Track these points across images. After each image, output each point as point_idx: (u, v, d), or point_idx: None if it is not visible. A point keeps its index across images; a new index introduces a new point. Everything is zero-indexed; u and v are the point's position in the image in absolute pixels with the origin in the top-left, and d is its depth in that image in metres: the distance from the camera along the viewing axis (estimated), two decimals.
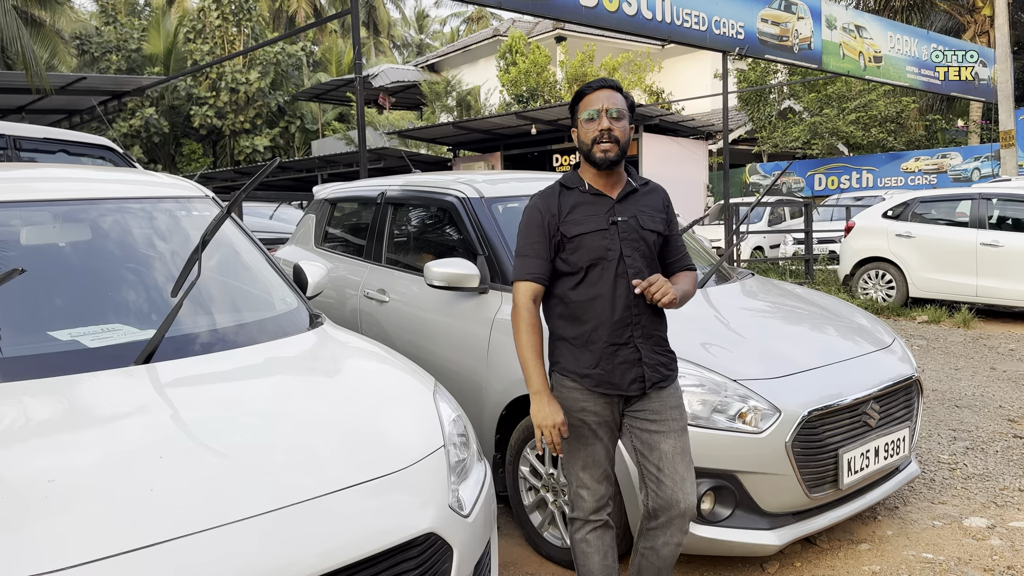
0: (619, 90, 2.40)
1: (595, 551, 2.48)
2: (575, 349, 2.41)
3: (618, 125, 2.35)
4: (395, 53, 48.29)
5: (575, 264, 2.38)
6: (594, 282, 2.37)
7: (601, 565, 2.49)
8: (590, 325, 2.38)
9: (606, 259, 2.36)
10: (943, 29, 21.88)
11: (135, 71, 27.57)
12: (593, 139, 2.36)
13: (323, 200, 5.47)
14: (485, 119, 15.54)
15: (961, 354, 7.35)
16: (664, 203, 2.53)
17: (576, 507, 2.48)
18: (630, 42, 20.93)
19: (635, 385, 2.39)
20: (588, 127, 2.37)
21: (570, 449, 2.44)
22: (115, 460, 1.83)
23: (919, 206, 9.74)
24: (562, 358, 2.44)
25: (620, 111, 2.36)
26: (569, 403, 2.40)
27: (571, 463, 2.45)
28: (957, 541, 3.46)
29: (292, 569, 1.71)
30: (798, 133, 20.66)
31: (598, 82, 2.39)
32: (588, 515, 2.46)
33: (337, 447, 2.07)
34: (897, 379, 3.38)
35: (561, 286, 2.43)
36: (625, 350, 2.38)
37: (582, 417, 2.40)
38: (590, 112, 2.36)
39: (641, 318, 2.39)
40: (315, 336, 2.76)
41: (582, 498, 2.45)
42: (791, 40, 12.25)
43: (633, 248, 2.38)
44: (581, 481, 2.44)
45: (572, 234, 2.37)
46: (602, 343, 2.37)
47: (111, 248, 2.81)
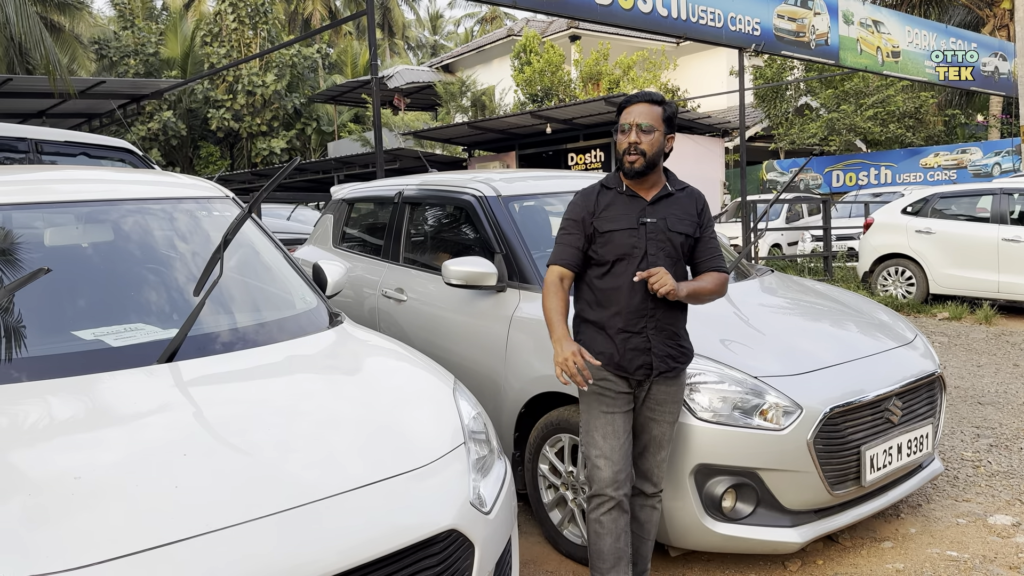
0: (660, 103, 2.61)
1: (608, 533, 2.61)
2: (594, 331, 2.65)
3: (646, 138, 2.56)
4: (410, 54, 48.41)
5: (603, 257, 2.62)
6: (618, 274, 2.59)
7: (613, 547, 2.62)
8: (609, 312, 2.61)
9: (631, 255, 2.58)
10: (962, 23, 21.64)
11: (153, 75, 27.81)
12: (624, 150, 2.59)
13: (341, 200, 5.49)
14: (500, 119, 15.54)
15: (983, 351, 7.27)
16: (698, 208, 2.72)
17: (594, 481, 2.61)
18: (645, 40, 20.87)
19: (640, 371, 2.61)
20: (621, 138, 2.61)
21: (591, 416, 2.63)
22: (139, 458, 1.85)
23: (939, 202, 9.64)
24: (584, 336, 2.68)
25: (651, 125, 2.56)
26: (591, 371, 2.58)
27: (591, 430, 2.63)
28: (982, 539, 3.43)
29: (315, 566, 1.72)
30: (815, 129, 20.51)
31: (640, 95, 2.62)
32: (605, 487, 2.58)
33: (358, 445, 2.07)
34: (920, 375, 3.35)
35: (590, 274, 2.67)
36: (637, 338, 2.60)
37: (603, 385, 2.61)
38: (624, 124, 2.60)
39: (656, 311, 2.60)
40: (335, 335, 2.77)
41: (599, 468, 2.59)
42: (808, 36, 12.16)
43: (658, 247, 2.59)
44: (600, 449, 2.59)
45: (604, 230, 2.61)
46: (616, 329, 2.60)
47: (133, 248, 2.84)
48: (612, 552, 2.61)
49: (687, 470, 2.87)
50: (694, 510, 2.89)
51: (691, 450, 2.86)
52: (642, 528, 2.78)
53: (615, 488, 2.58)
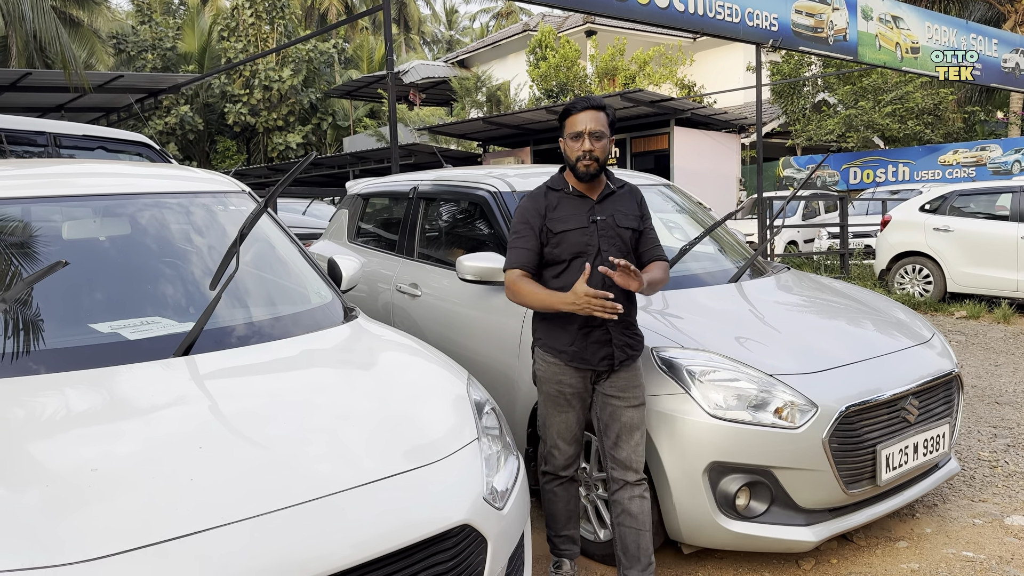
0: (602, 109, 2.74)
1: (560, 499, 2.94)
2: (554, 328, 2.77)
3: (598, 145, 2.71)
4: (425, 49, 48.44)
5: (559, 256, 2.75)
6: (574, 272, 2.70)
7: (565, 510, 2.95)
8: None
9: (586, 252, 2.73)
10: (982, 19, 21.39)
11: (170, 69, 27.97)
12: (577, 157, 2.72)
13: (356, 195, 5.51)
14: (515, 114, 15.51)
15: (1001, 350, 7.20)
16: (638, 202, 2.90)
17: (549, 462, 2.89)
18: (662, 35, 20.77)
19: (604, 362, 2.75)
20: (573, 145, 2.73)
21: (547, 414, 2.84)
22: (156, 450, 1.86)
23: (957, 199, 9.55)
24: (543, 335, 2.81)
25: (601, 132, 2.71)
26: (548, 375, 2.80)
27: (547, 427, 2.86)
28: (998, 540, 3.40)
29: (329, 559, 1.72)
30: (833, 126, 20.33)
31: (582, 103, 2.74)
32: (558, 471, 2.88)
33: (372, 439, 2.08)
34: (937, 374, 3.32)
35: (546, 275, 2.79)
36: (597, 331, 2.73)
37: (559, 388, 2.78)
38: (575, 132, 2.71)
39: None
40: (350, 329, 2.78)
41: (554, 456, 2.87)
42: (826, 32, 12.06)
43: (610, 243, 2.74)
44: (555, 443, 2.85)
45: (557, 230, 2.74)
46: (577, 324, 2.72)
47: (150, 242, 2.86)
48: (564, 513, 2.95)
49: (701, 468, 2.86)
50: (707, 508, 2.88)
51: (705, 448, 2.85)
52: (636, 520, 2.79)
53: (566, 470, 2.88)
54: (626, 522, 2.79)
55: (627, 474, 2.78)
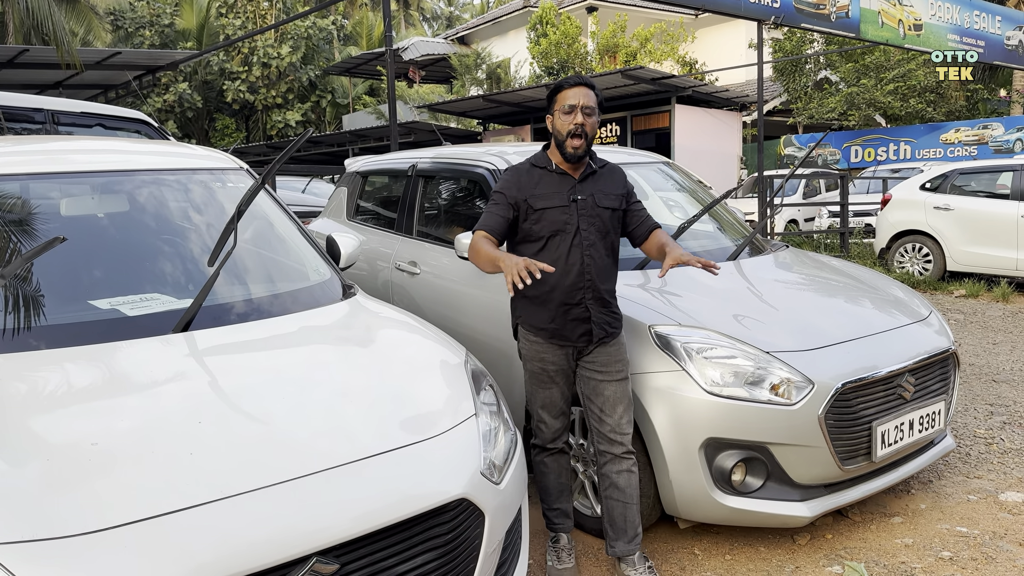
0: (593, 88, 2.74)
1: (551, 471, 2.96)
2: (534, 306, 2.79)
3: (589, 121, 2.71)
4: (425, 26, 48.02)
5: (537, 233, 2.75)
6: (553, 249, 2.73)
7: (556, 482, 2.98)
8: (547, 286, 2.72)
9: (564, 231, 2.73)
10: None
11: (168, 46, 27.77)
12: (568, 132, 2.70)
13: (355, 173, 5.50)
14: (515, 92, 15.45)
15: (1000, 328, 7.22)
16: (621, 182, 2.91)
17: (537, 435, 2.94)
18: (663, 11, 20.60)
19: (583, 338, 2.78)
20: (565, 119, 2.71)
21: (532, 390, 2.89)
22: (155, 425, 1.88)
23: (958, 178, 9.52)
24: (524, 312, 2.83)
25: (592, 108, 2.72)
26: (532, 353, 2.83)
27: (533, 402, 2.90)
28: (992, 515, 3.43)
29: (327, 532, 1.74)
30: (834, 104, 20.22)
31: (575, 79, 2.74)
32: (546, 443, 2.93)
33: (370, 414, 2.10)
34: (933, 352, 3.34)
35: (524, 250, 2.78)
36: (576, 309, 2.75)
37: (542, 366, 2.82)
38: (567, 106, 2.70)
39: (592, 282, 2.75)
40: (348, 306, 2.79)
41: (542, 430, 2.92)
42: (828, 8, 11.96)
43: (589, 223, 2.76)
44: (541, 417, 2.90)
45: (537, 207, 2.74)
46: (556, 302, 2.74)
47: (148, 219, 2.86)
48: (556, 486, 2.97)
49: (697, 443, 2.88)
50: (703, 483, 2.90)
51: (701, 424, 2.87)
52: (623, 494, 2.82)
53: (554, 442, 2.93)
54: (613, 495, 2.83)
55: (612, 447, 2.81)
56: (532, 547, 3.14)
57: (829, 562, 3.05)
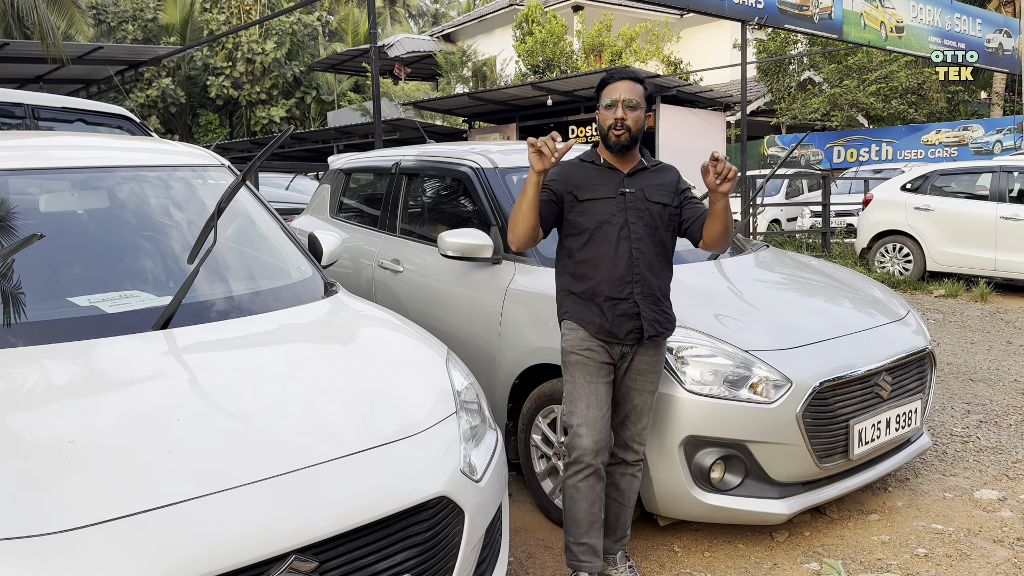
0: (641, 81, 2.68)
1: (584, 498, 2.68)
2: (580, 302, 2.70)
3: (632, 115, 2.64)
4: (411, 23, 47.87)
5: (583, 225, 2.67)
6: (599, 242, 2.66)
7: (588, 513, 2.69)
8: (594, 281, 2.66)
9: (610, 223, 2.66)
10: None
11: (151, 41, 27.51)
12: (609, 125, 2.66)
13: (338, 170, 5.48)
14: (501, 90, 15.42)
15: (977, 328, 7.31)
16: (675, 179, 2.83)
17: (575, 448, 2.65)
18: (648, 11, 20.65)
19: (631, 336, 2.67)
20: (607, 113, 2.67)
21: (575, 385, 2.68)
22: (133, 422, 1.87)
23: (938, 179, 9.62)
24: (570, 308, 2.73)
25: (636, 102, 2.64)
26: (576, 343, 2.69)
27: (575, 399, 2.67)
28: (967, 512, 3.47)
29: (307, 530, 1.74)
30: (817, 105, 20.36)
31: (621, 71, 2.70)
32: (584, 455, 2.63)
33: (350, 412, 2.10)
34: (910, 351, 3.38)
35: (571, 245, 2.72)
36: (625, 304, 2.65)
37: (587, 355, 2.67)
38: (610, 100, 2.65)
39: (641, 277, 2.66)
40: (329, 304, 2.79)
41: (580, 436, 2.64)
42: (811, 10, 12.05)
43: (637, 216, 2.67)
44: (583, 418, 2.64)
45: (583, 198, 2.68)
46: (603, 297, 2.65)
47: (128, 216, 2.84)
48: (587, 517, 2.69)
49: (677, 441, 2.90)
50: (683, 481, 2.92)
51: (681, 422, 2.89)
52: (622, 495, 2.83)
53: (594, 456, 2.63)
54: (612, 495, 2.81)
55: (627, 453, 2.79)
56: (512, 545, 3.16)
57: (807, 559, 3.09)
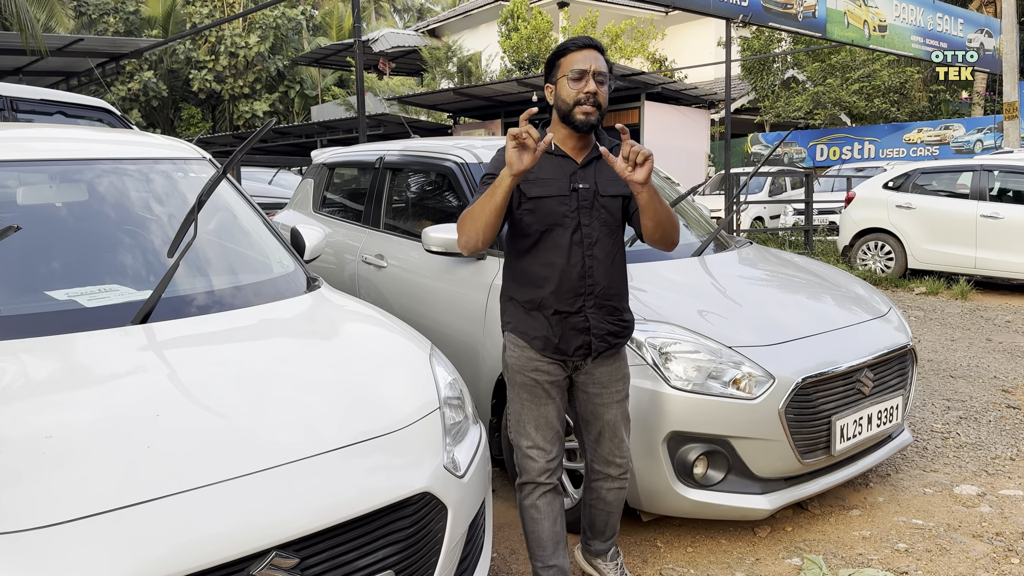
0: (603, 51, 2.34)
1: (545, 517, 2.48)
2: (524, 313, 2.42)
3: (602, 89, 2.30)
4: (396, 17, 47.66)
5: (530, 226, 2.34)
6: (549, 248, 2.35)
7: (551, 532, 2.49)
8: (543, 291, 2.37)
9: (562, 225, 2.33)
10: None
11: (133, 33, 27.27)
12: (576, 100, 2.28)
13: (321, 165, 5.45)
14: (486, 86, 15.40)
15: (958, 325, 7.37)
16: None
17: (526, 470, 2.48)
18: (633, 8, 20.69)
19: (580, 351, 2.41)
20: (573, 87, 2.27)
21: (522, 408, 2.45)
22: (112, 417, 1.85)
23: (920, 177, 9.70)
24: (513, 319, 2.46)
25: (604, 75, 2.30)
26: (522, 363, 2.43)
27: (523, 422, 2.45)
28: (947, 508, 3.50)
29: (288, 525, 1.73)
30: (801, 103, 20.49)
31: (584, 40, 2.31)
32: (537, 476, 2.45)
33: (333, 408, 2.08)
34: (892, 348, 3.40)
35: (516, 247, 2.41)
36: (575, 318, 2.37)
37: (535, 377, 2.42)
38: (577, 71, 2.27)
39: (595, 287, 2.38)
40: (312, 299, 2.77)
41: (532, 459, 2.45)
42: (795, 8, 12.10)
43: (592, 216, 2.36)
44: (533, 441, 2.44)
45: (532, 195, 2.32)
46: (551, 310, 2.37)
47: (107, 209, 2.81)
48: (551, 537, 2.49)
49: (660, 437, 2.90)
50: (666, 476, 2.93)
51: (665, 418, 2.89)
52: (610, 505, 2.67)
53: (548, 476, 2.45)
54: (599, 506, 2.66)
55: (609, 468, 2.58)
56: (496, 540, 3.15)
57: (789, 554, 3.10)
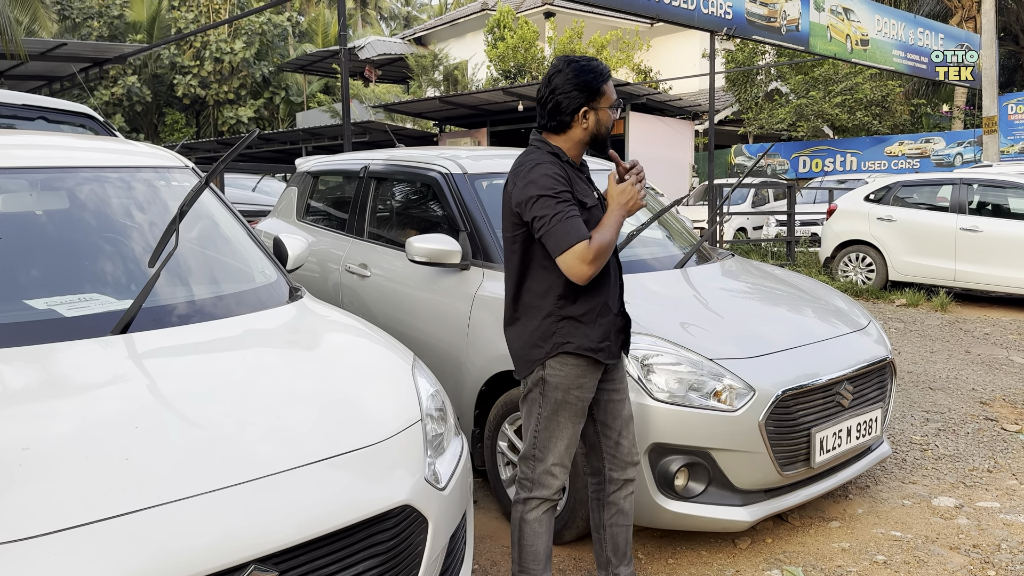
0: None
1: (545, 532, 2.52)
2: (584, 326, 2.39)
3: None
4: (382, 25, 47.70)
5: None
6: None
7: (546, 547, 2.54)
8: (601, 299, 2.42)
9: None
10: (930, 14, 21.89)
11: (117, 38, 27.12)
12: (607, 128, 2.45)
13: (305, 173, 5.44)
14: (472, 94, 15.43)
15: (937, 337, 7.45)
16: None
17: (544, 486, 2.48)
18: (619, 19, 20.80)
19: (621, 351, 2.54)
20: (611, 114, 2.44)
21: (558, 427, 2.44)
22: (90, 429, 1.83)
23: (901, 190, 9.81)
24: (571, 337, 2.38)
25: None
26: (569, 381, 2.40)
27: (556, 439, 2.45)
28: (925, 520, 3.53)
29: (269, 538, 1.72)
30: (784, 115, 20.68)
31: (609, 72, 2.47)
32: (553, 494, 2.49)
33: (314, 420, 2.07)
34: (871, 360, 3.43)
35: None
36: (619, 319, 2.51)
37: (579, 395, 2.43)
38: (613, 101, 2.43)
39: (619, 284, 2.52)
40: (294, 309, 2.76)
41: (554, 476, 2.47)
42: (779, 21, 12.23)
43: None
44: (561, 459, 2.46)
45: (589, 205, 2.39)
46: (611, 315, 2.45)
47: (88, 217, 2.79)
48: (546, 551, 2.53)
49: (642, 449, 2.91)
50: (647, 488, 2.94)
51: (647, 429, 2.91)
52: (627, 517, 2.65)
53: (560, 493, 2.53)
54: (619, 521, 2.65)
55: (627, 471, 2.61)
56: (477, 552, 3.15)
57: (769, 566, 3.12)
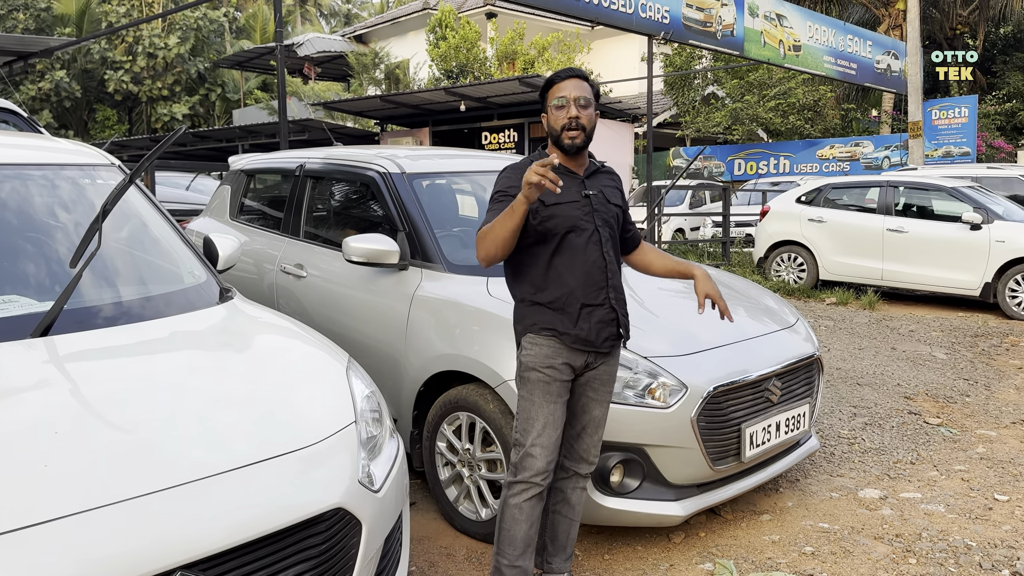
0: (586, 79, 2.57)
1: (526, 519, 2.57)
2: (549, 312, 2.53)
3: (585, 113, 2.51)
4: (322, 22, 47.06)
5: (552, 230, 2.49)
6: (571, 248, 2.51)
7: (526, 535, 2.58)
8: (568, 289, 2.51)
9: (580, 227, 2.53)
10: (859, 21, 22.63)
11: (44, 31, 26.14)
12: (562, 126, 2.51)
13: (239, 171, 5.34)
14: (413, 93, 15.32)
15: (865, 335, 7.70)
16: (620, 182, 2.77)
17: (525, 469, 2.54)
18: (560, 22, 20.93)
19: (608, 342, 2.59)
20: (558, 114, 2.51)
21: (533, 406, 2.53)
22: (7, 436, 1.77)
23: (831, 192, 10.11)
24: (539, 318, 2.54)
25: (588, 99, 2.52)
26: (539, 359, 2.52)
27: (532, 419, 2.52)
28: (852, 511, 3.65)
29: (199, 543, 1.69)
30: (720, 118, 21.09)
31: (567, 71, 2.56)
32: (533, 476, 2.53)
33: (245, 423, 2.04)
34: (799, 357, 3.53)
35: (537, 251, 2.53)
36: (601, 310, 2.55)
37: (552, 374, 2.52)
38: (559, 99, 2.50)
39: (614, 280, 2.58)
40: (225, 310, 2.70)
41: (534, 457, 2.52)
42: (715, 26, 12.48)
43: (603, 219, 2.58)
44: (539, 439, 2.52)
45: (549, 202, 2.48)
46: (579, 305, 2.52)
47: (9, 216, 2.69)
48: (525, 539, 2.58)
49: None
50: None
51: None
52: (573, 510, 2.77)
53: (544, 477, 2.54)
54: (563, 511, 2.76)
55: (580, 466, 2.72)
56: (414, 553, 3.14)
57: (702, 559, 3.18)
